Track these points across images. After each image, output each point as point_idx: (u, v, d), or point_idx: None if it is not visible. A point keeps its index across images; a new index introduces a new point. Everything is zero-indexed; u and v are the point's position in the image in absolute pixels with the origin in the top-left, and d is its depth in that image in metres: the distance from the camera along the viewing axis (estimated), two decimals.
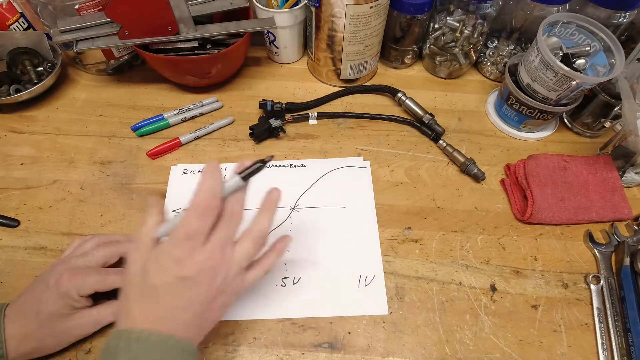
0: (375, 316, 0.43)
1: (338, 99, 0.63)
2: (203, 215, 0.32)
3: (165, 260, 0.31)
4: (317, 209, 0.51)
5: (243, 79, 0.65)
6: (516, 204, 0.51)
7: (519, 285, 0.46)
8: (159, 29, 0.54)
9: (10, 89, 0.58)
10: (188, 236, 0.31)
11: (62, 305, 0.37)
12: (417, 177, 0.54)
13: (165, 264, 0.31)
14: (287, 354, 0.41)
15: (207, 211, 0.32)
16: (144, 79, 0.65)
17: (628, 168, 0.53)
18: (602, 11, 0.53)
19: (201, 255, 0.32)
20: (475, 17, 0.58)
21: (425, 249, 0.48)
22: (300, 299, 0.44)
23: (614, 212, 0.50)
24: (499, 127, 0.60)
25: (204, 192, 0.32)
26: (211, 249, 0.32)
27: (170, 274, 0.31)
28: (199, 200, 0.32)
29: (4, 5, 0.59)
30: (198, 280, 0.32)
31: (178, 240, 0.31)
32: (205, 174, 0.32)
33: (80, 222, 0.49)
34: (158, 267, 0.31)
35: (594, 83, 0.52)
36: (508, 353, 0.41)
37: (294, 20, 0.61)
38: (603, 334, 0.42)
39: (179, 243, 0.31)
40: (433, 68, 0.66)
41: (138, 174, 0.54)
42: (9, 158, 0.55)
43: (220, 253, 0.32)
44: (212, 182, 0.32)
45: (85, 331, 0.39)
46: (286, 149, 0.57)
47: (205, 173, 0.32)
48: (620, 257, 0.47)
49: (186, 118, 0.59)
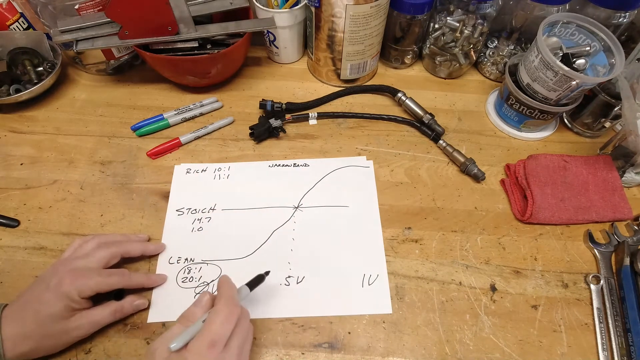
0: (375, 316, 0.43)
1: (338, 99, 0.63)
2: (226, 322, 0.33)
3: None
4: (320, 209, 0.51)
5: (243, 79, 0.65)
6: (516, 204, 0.51)
7: (519, 285, 0.46)
8: (159, 29, 0.54)
9: (10, 89, 0.58)
10: (213, 343, 0.32)
11: (62, 307, 0.37)
12: (417, 177, 0.54)
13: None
14: (287, 354, 0.41)
15: (231, 317, 0.34)
16: (144, 79, 0.65)
17: (628, 168, 0.53)
18: (602, 11, 0.53)
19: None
20: (475, 17, 0.58)
21: (425, 249, 0.48)
22: (305, 298, 0.44)
23: (614, 212, 0.50)
24: (499, 127, 0.60)
25: (227, 298, 0.35)
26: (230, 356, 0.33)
27: None
28: (222, 306, 0.34)
29: (4, 5, 0.59)
30: None
31: (202, 349, 0.32)
32: (223, 284, 0.36)
33: (80, 222, 0.49)
34: None
35: (594, 83, 0.52)
36: (508, 353, 0.41)
37: (294, 20, 0.61)
38: (603, 334, 0.42)
39: (202, 353, 0.32)
40: (433, 68, 0.66)
41: (138, 174, 0.54)
42: (9, 158, 0.55)
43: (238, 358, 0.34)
44: (232, 291, 0.36)
45: (84, 332, 0.39)
46: (286, 149, 0.57)
47: (223, 283, 0.36)
48: (620, 257, 0.47)
49: (186, 118, 0.59)
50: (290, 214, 0.50)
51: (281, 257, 0.47)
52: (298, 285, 0.45)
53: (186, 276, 0.45)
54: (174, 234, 0.49)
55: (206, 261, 0.46)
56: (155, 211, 0.50)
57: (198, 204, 0.51)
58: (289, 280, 0.45)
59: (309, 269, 0.46)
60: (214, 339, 0.32)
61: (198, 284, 0.45)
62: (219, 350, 0.32)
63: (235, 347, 0.34)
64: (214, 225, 0.49)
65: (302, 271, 0.46)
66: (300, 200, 0.51)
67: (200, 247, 0.48)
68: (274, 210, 0.50)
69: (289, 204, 0.51)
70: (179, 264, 0.46)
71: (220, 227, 0.49)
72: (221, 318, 0.33)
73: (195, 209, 0.50)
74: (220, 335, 0.33)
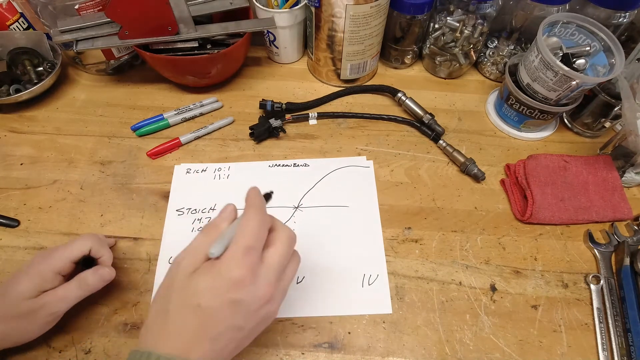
0: (375, 316, 0.43)
1: (338, 99, 0.63)
2: (259, 228, 0.31)
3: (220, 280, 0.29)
4: (320, 208, 0.51)
5: (243, 79, 0.65)
6: (516, 204, 0.51)
7: (519, 285, 0.46)
8: (159, 29, 0.54)
9: (10, 89, 0.58)
10: (248, 248, 0.30)
11: (32, 286, 0.36)
12: (417, 177, 0.54)
13: (220, 283, 0.29)
14: (287, 354, 0.41)
15: (263, 224, 0.31)
16: (144, 79, 0.65)
17: (628, 168, 0.53)
18: (602, 11, 0.53)
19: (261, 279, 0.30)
20: (475, 17, 0.58)
21: (425, 249, 0.48)
22: (304, 298, 0.44)
23: (614, 212, 0.50)
24: (499, 127, 0.60)
25: (257, 207, 0.31)
26: (269, 270, 0.31)
27: (223, 296, 0.29)
28: (253, 214, 0.31)
29: (4, 5, 0.59)
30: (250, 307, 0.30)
31: (237, 255, 0.29)
32: (251, 195, 0.33)
33: (80, 222, 0.49)
34: (209, 287, 0.29)
35: (594, 83, 0.52)
36: (508, 353, 0.41)
37: (294, 20, 0.61)
38: (603, 334, 0.42)
39: (238, 259, 0.29)
40: (433, 68, 0.66)
41: (138, 174, 0.54)
42: (9, 158, 0.55)
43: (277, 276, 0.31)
44: (261, 201, 0.33)
45: (52, 311, 0.37)
46: (286, 149, 0.57)
47: (251, 194, 0.33)
48: (620, 257, 0.47)
49: (186, 118, 0.59)
50: (290, 214, 0.50)
51: None
52: (298, 285, 0.45)
53: None
54: (174, 234, 0.49)
55: None
56: (155, 211, 0.50)
57: (198, 204, 0.51)
58: None
59: (309, 269, 0.46)
60: (248, 244, 0.30)
61: None
62: (255, 258, 0.30)
63: (273, 263, 0.31)
64: None
65: (302, 271, 0.46)
66: (300, 200, 0.51)
67: None
68: (274, 210, 0.50)
69: (289, 204, 0.51)
70: None
71: None
72: (253, 224, 0.30)
73: (195, 209, 0.50)
74: (256, 241, 0.30)
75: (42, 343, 0.41)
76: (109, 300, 0.44)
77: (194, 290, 0.29)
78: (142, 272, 0.46)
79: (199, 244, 0.32)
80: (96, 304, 0.43)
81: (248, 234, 0.30)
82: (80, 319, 0.42)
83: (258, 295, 0.30)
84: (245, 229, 0.30)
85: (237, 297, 0.29)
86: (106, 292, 0.43)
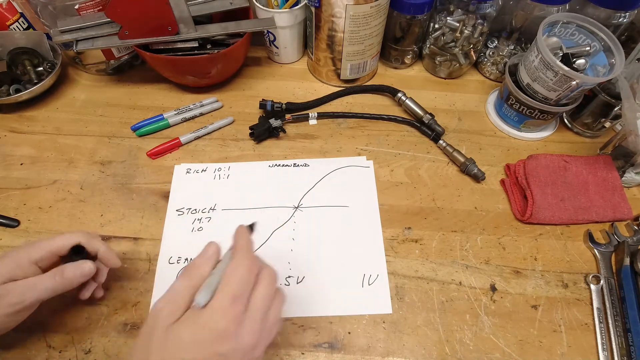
0: (375, 316, 0.43)
1: (338, 99, 0.63)
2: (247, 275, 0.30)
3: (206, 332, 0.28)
4: (320, 209, 0.51)
5: (243, 79, 0.65)
6: (516, 204, 0.51)
7: (519, 285, 0.46)
8: (159, 29, 0.54)
9: (10, 89, 0.58)
10: (235, 298, 0.28)
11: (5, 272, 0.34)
12: (417, 177, 0.54)
13: (204, 336, 0.28)
14: (287, 354, 0.41)
15: (252, 270, 0.30)
16: (144, 79, 0.65)
17: (628, 168, 0.53)
18: (602, 11, 0.53)
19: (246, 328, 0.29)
20: (475, 17, 0.58)
21: (425, 249, 0.48)
22: (305, 298, 0.44)
23: (614, 212, 0.50)
24: (499, 127, 0.60)
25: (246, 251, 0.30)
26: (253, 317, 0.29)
27: (209, 350, 0.28)
28: (242, 259, 0.30)
29: (4, 5, 0.59)
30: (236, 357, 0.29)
31: (225, 305, 0.28)
32: (240, 235, 0.32)
33: (80, 222, 0.49)
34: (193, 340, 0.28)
35: (594, 83, 0.52)
36: (508, 353, 0.41)
37: (294, 20, 0.61)
38: (603, 334, 0.42)
39: (225, 309, 0.28)
40: (433, 68, 0.66)
41: (138, 174, 0.54)
42: (9, 158, 0.55)
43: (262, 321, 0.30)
44: (249, 243, 0.32)
45: (18, 299, 0.34)
46: (286, 149, 0.57)
47: (239, 234, 0.32)
48: (620, 257, 0.47)
49: (186, 118, 0.59)
50: (290, 214, 0.50)
51: (281, 257, 0.47)
52: (298, 285, 0.45)
53: None
54: (174, 234, 0.49)
55: None
56: (155, 211, 0.50)
57: (198, 204, 0.51)
58: (289, 280, 0.45)
59: (309, 269, 0.46)
60: (236, 293, 0.28)
61: None
62: (241, 307, 0.29)
63: (257, 309, 0.29)
64: (214, 225, 0.49)
65: (302, 271, 0.46)
66: (300, 200, 0.51)
67: (200, 247, 0.47)
68: (274, 210, 0.50)
69: (289, 204, 0.51)
70: (179, 264, 0.46)
71: (220, 227, 0.49)
72: (242, 271, 0.29)
73: (195, 209, 0.50)
74: (244, 290, 0.29)
75: (42, 343, 0.41)
76: (109, 300, 0.44)
77: (176, 343, 0.28)
78: (142, 272, 0.46)
79: (181, 290, 0.30)
80: (96, 304, 0.43)
81: (236, 281, 0.29)
82: (80, 319, 0.42)
83: (243, 345, 0.29)
84: (233, 277, 0.29)
85: (223, 350, 0.28)
86: (106, 292, 0.43)
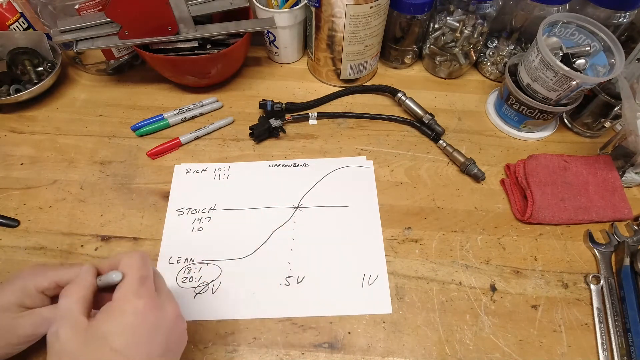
0: (375, 316, 0.43)
1: (338, 99, 0.63)
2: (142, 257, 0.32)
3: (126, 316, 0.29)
4: (320, 209, 0.51)
5: (243, 79, 0.65)
6: (516, 204, 0.51)
7: (519, 285, 0.46)
8: (159, 29, 0.54)
9: (10, 89, 0.58)
10: (143, 279, 0.30)
11: (14, 299, 0.34)
12: (417, 177, 0.54)
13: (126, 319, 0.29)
14: (287, 354, 0.41)
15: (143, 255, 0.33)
16: (144, 79, 0.65)
17: (628, 168, 0.53)
18: (602, 11, 0.53)
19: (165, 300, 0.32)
20: (475, 17, 0.58)
21: (425, 249, 0.48)
22: (304, 298, 0.44)
23: (614, 212, 0.50)
24: (499, 127, 0.60)
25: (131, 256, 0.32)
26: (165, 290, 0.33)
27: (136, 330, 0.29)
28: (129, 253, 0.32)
29: (4, 5, 0.59)
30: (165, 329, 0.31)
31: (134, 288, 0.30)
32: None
33: (80, 222, 0.49)
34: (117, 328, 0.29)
35: (594, 83, 0.52)
36: (508, 353, 0.41)
37: (294, 20, 0.61)
38: (603, 334, 0.42)
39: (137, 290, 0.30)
40: (433, 68, 0.66)
41: (138, 174, 0.54)
42: (9, 158, 0.55)
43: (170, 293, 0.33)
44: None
45: (30, 331, 0.35)
46: (286, 149, 0.57)
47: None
48: (620, 257, 0.47)
49: (186, 118, 0.59)
50: (290, 214, 0.50)
51: (281, 257, 0.47)
52: (298, 285, 0.45)
53: (186, 276, 0.45)
54: (174, 234, 0.49)
55: (206, 261, 0.46)
56: (155, 211, 0.50)
57: (198, 204, 0.51)
58: (289, 280, 0.45)
59: (309, 269, 0.46)
60: (141, 274, 0.30)
61: (198, 283, 0.45)
62: (151, 285, 0.31)
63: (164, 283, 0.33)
64: (214, 225, 0.49)
65: (302, 271, 0.46)
66: (300, 200, 0.51)
67: (200, 247, 0.48)
68: (274, 210, 0.50)
69: (289, 204, 0.51)
70: (179, 264, 0.46)
71: (220, 227, 0.49)
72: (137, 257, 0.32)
73: (195, 209, 0.50)
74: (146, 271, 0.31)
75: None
76: None
77: (100, 337, 0.28)
78: None
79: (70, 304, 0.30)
80: None
81: (137, 266, 0.31)
82: None
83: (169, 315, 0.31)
84: (132, 264, 0.31)
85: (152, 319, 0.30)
86: None
